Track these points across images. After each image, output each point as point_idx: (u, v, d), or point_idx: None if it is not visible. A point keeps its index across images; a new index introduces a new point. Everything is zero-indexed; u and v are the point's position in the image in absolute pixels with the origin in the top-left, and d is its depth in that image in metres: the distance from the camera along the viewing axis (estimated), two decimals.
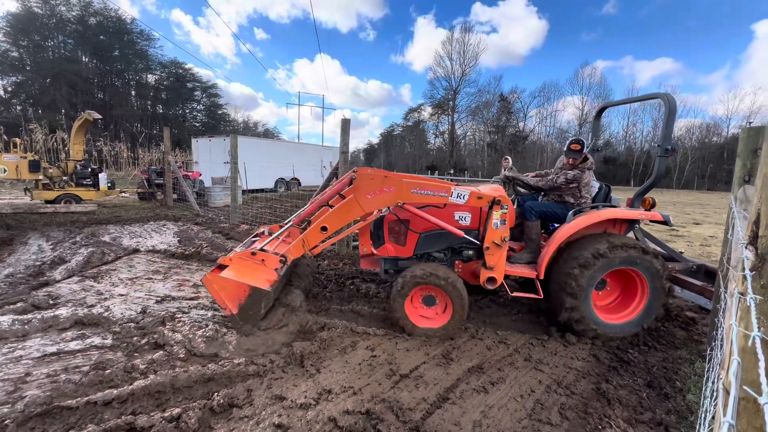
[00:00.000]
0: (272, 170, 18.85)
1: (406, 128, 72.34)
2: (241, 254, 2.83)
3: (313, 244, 2.93)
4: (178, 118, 49.67)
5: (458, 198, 3.03)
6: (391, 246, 3.38)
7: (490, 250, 3.09)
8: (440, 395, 2.29)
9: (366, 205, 2.90)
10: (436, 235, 3.32)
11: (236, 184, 7.73)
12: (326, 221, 2.90)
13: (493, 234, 3.05)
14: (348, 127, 5.20)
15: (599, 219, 3.22)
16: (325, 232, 2.90)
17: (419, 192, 2.97)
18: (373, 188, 2.89)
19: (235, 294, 2.61)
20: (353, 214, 2.92)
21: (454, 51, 57.89)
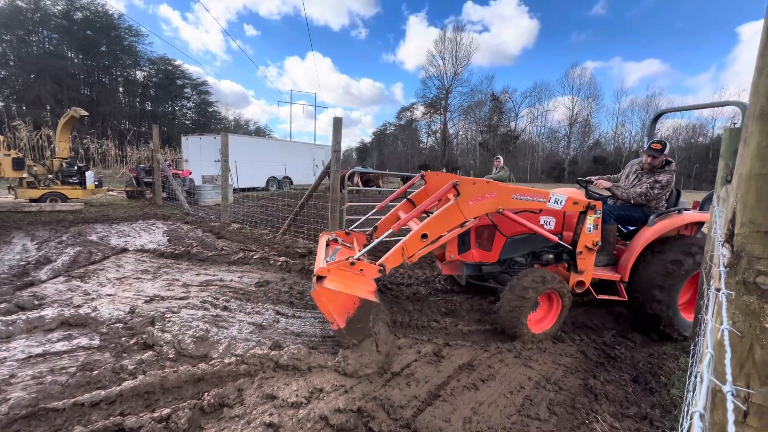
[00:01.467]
0: (264, 169, 18.73)
1: (398, 127, 72.36)
2: (339, 264, 2.66)
3: (412, 251, 2.80)
4: (167, 116, 48.94)
5: (556, 203, 3.06)
6: (477, 251, 3.38)
7: (582, 255, 3.16)
8: (431, 392, 2.31)
9: (467, 211, 2.83)
10: (523, 240, 3.34)
11: (227, 183, 7.66)
12: (426, 228, 2.77)
13: (586, 238, 3.12)
14: (340, 126, 5.19)
15: (684, 222, 3.32)
16: (426, 239, 2.79)
17: (519, 198, 2.97)
18: (475, 194, 2.85)
19: (344, 307, 2.46)
20: (453, 221, 2.84)
21: (447, 50, 58.07)
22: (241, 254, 4.99)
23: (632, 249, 3.31)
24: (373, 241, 3.04)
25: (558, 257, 3.41)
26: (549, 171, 56.80)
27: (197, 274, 4.33)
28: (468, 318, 3.53)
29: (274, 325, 3.12)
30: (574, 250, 3.19)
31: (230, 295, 3.68)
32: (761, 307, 0.67)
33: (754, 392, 0.68)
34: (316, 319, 3.29)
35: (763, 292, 0.66)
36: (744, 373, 0.69)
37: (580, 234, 3.14)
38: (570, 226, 3.40)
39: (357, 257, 2.72)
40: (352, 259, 2.68)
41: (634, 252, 3.28)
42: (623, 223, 3.57)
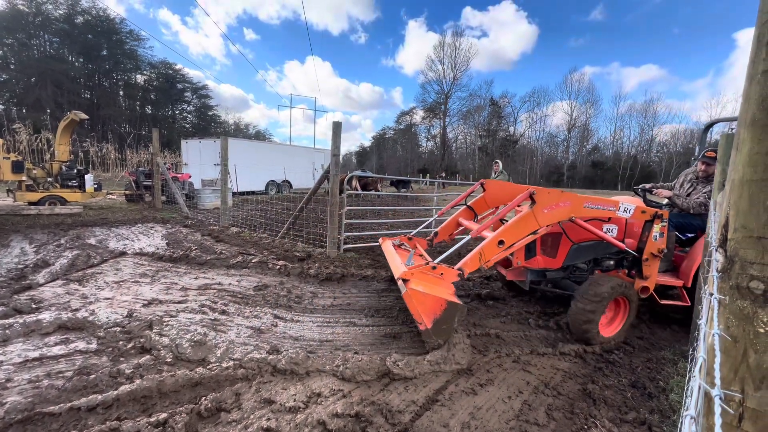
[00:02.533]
0: (263, 172, 18.75)
1: (398, 131, 72.67)
2: (422, 269, 2.76)
3: (489, 257, 2.88)
4: (167, 119, 49.09)
5: (625, 212, 3.19)
6: (542, 258, 3.44)
7: (648, 261, 3.29)
8: (429, 397, 2.31)
9: (542, 219, 2.94)
10: (587, 247, 3.44)
11: (226, 186, 7.67)
12: (503, 235, 2.87)
13: (653, 246, 3.24)
14: (339, 130, 5.21)
15: None
16: (502, 245, 2.88)
17: (590, 206, 3.09)
18: (550, 203, 2.95)
19: (431, 309, 2.56)
20: (528, 228, 2.94)
21: (446, 55, 58.47)
22: (239, 258, 4.99)
23: (694, 255, 3.43)
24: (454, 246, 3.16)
25: (618, 263, 3.54)
26: (548, 175, 56.94)
27: (196, 278, 4.32)
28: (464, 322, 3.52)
29: (273, 329, 3.11)
30: (640, 257, 3.29)
31: (228, 299, 3.68)
32: (755, 311, 0.67)
33: (742, 396, 0.68)
34: (314, 323, 3.29)
35: (756, 296, 0.67)
36: (738, 377, 0.70)
37: (646, 241, 3.26)
38: (631, 234, 3.49)
39: (438, 261, 2.84)
40: (433, 263, 2.80)
41: (697, 258, 3.37)
42: (681, 230, 3.68)
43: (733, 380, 0.70)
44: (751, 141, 0.67)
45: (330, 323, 3.30)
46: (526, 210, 2.95)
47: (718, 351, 0.65)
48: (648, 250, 3.25)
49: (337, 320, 3.37)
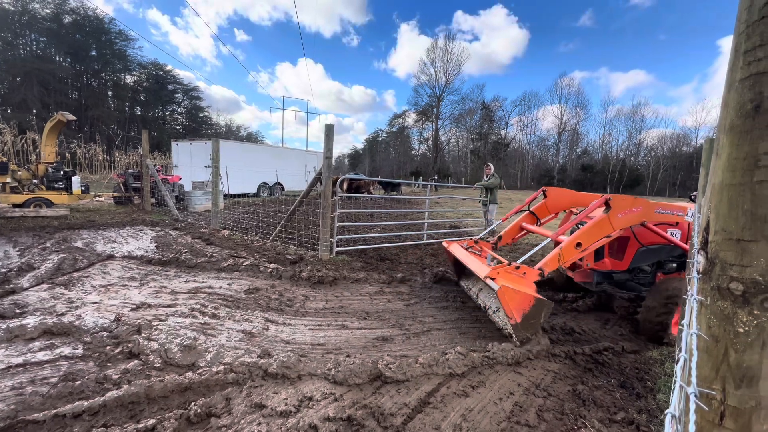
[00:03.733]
0: (255, 175, 18.62)
1: (390, 134, 72.88)
2: (507, 269, 2.99)
3: (567, 258, 3.10)
4: (157, 121, 48.50)
5: (691, 217, 3.41)
6: (609, 260, 3.63)
7: None
8: (422, 400, 2.31)
9: (616, 223, 3.15)
10: (653, 250, 3.58)
11: (217, 189, 7.60)
12: (580, 238, 3.10)
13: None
14: (332, 133, 5.21)
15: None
16: (579, 247, 3.11)
17: (661, 212, 3.34)
18: (624, 208, 3.18)
19: (521, 305, 2.79)
20: (603, 231, 3.15)
21: (438, 59, 58.91)
22: (230, 261, 4.94)
23: None
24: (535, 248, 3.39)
25: (680, 266, 3.69)
26: (539, 178, 57.57)
27: (186, 281, 4.27)
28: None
29: (264, 332, 3.08)
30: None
31: (219, 303, 3.64)
32: (734, 312, 0.69)
33: (723, 394, 0.70)
34: (306, 326, 3.27)
35: (735, 297, 0.69)
36: (720, 376, 0.71)
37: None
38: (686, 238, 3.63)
39: (521, 262, 3.09)
40: (516, 263, 3.05)
41: None
42: None
43: (714, 379, 0.72)
44: (730, 146, 0.69)
45: (322, 326, 3.29)
46: (600, 215, 3.15)
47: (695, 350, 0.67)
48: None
49: (329, 323, 3.36)
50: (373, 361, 2.58)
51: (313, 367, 2.50)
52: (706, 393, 0.73)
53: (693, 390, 0.57)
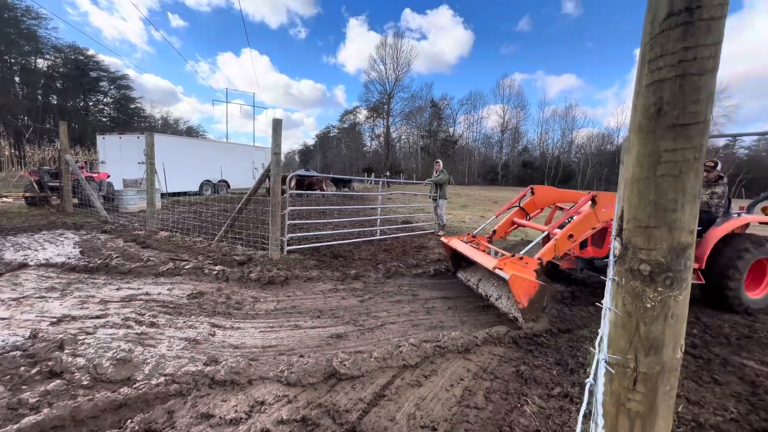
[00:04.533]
0: (197, 172, 17.42)
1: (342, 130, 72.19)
2: (512, 259, 3.42)
3: (562, 248, 3.54)
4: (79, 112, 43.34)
5: None
6: (592, 249, 4.08)
7: None
8: (377, 393, 2.34)
9: (601, 216, 3.61)
10: None
11: (153, 187, 6.99)
12: (572, 230, 3.55)
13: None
14: (280, 128, 5.03)
15: (743, 222, 4.26)
16: (572, 239, 3.54)
17: None
18: (607, 203, 3.62)
19: (527, 290, 3.19)
20: (590, 224, 3.61)
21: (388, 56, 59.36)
22: (170, 264, 4.59)
23: (707, 243, 4.13)
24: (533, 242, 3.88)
25: None
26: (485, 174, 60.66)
27: (118, 289, 3.89)
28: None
29: (210, 338, 2.91)
30: None
31: (158, 310, 3.37)
32: (643, 290, 0.79)
33: (635, 362, 0.80)
34: (256, 329, 3.14)
35: (644, 277, 0.79)
36: (632, 347, 0.81)
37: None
38: None
39: (523, 253, 3.50)
40: (519, 255, 3.46)
41: (708, 245, 4.09)
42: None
43: (628, 350, 0.82)
44: (638, 144, 0.79)
45: (273, 328, 3.19)
46: (588, 209, 3.62)
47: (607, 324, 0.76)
48: None
49: (281, 324, 3.26)
50: (327, 360, 2.56)
51: (265, 371, 2.42)
52: (622, 362, 0.83)
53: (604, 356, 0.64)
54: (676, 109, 0.73)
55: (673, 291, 0.77)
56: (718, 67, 0.72)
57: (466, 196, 25.16)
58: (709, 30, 0.70)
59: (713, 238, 4.14)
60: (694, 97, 0.71)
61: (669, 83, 0.73)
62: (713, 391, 2.61)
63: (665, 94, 0.74)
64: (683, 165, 0.73)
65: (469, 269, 4.57)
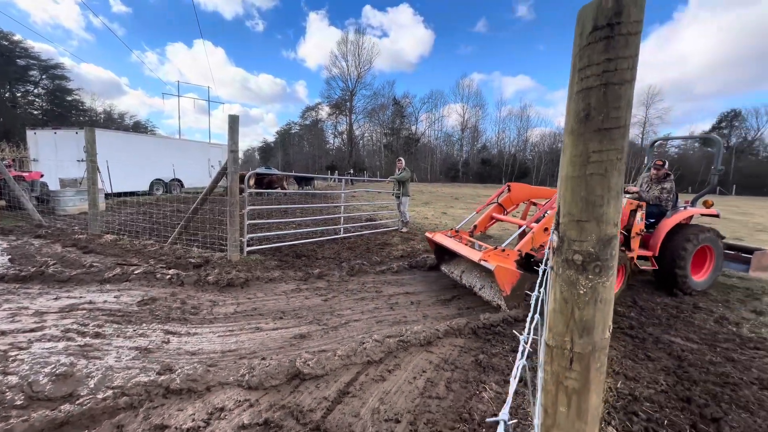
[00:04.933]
0: (146, 170, 16.31)
1: (304, 127, 70.73)
2: (495, 252, 3.66)
3: (538, 241, 3.81)
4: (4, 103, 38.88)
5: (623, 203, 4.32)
6: None
7: (634, 238, 4.50)
8: (341, 391, 2.35)
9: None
10: None
11: (95, 187, 6.46)
12: (547, 224, 3.87)
13: (636, 227, 4.48)
14: (237, 125, 4.85)
15: (690, 214, 4.89)
16: (547, 231, 3.85)
17: None
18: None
19: (510, 279, 3.49)
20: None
21: (349, 52, 58.96)
22: (117, 270, 4.28)
23: (659, 233, 4.69)
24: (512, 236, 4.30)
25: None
26: (446, 172, 62.21)
27: (56, 299, 3.57)
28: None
29: (164, 346, 2.77)
30: (628, 236, 4.48)
31: (104, 319, 3.14)
32: (577, 278, 0.87)
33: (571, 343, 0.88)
34: (215, 333, 3.03)
35: (577, 266, 0.87)
36: (569, 330, 0.89)
37: (632, 225, 4.47)
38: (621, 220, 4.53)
39: (504, 246, 3.83)
40: (501, 247, 3.78)
41: (660, 235, 4.66)
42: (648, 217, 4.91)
43: (565, 333, 0.90)
44: (571, 146, 0.86)
45: (233, 332, 3.09)
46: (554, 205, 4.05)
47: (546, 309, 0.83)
48: (634, 230, 4.48)
49: (241, 327, 3.17)
50: (290, 360, 2.54)
51: (224, 376, 2.35)
52: (560, 344, 0.91)
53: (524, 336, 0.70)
54: (601, 115, 0.81)
55: (601, 278, 0.85)
56: (635, 78, 0.81)
57: (429, 193, 25.69)
58: (627, 44, 0.78)
59: (665, 229, 4.72)
60: (616, 104, 0.80)
61: (595, 91, 0.81)
62: (647, 367, 2.90)
63: (592, 100, 0.82)
64: (608, 165, 0.82)
65: (452, 262, 4.83)
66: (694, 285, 4.74)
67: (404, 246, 6.83)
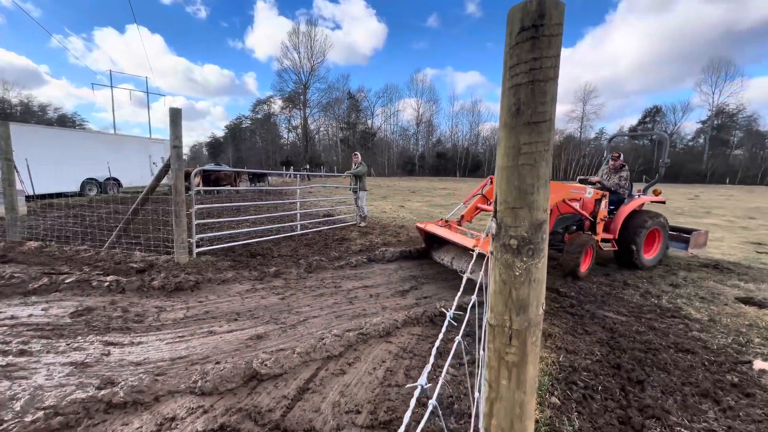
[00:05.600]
0: (77, 169, 14.77)
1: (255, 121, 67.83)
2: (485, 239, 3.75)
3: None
4: None
5: (588, 194, 5.07)
6: None
7: (599, 224, 5.26)
8: (301, 388, 2.33)
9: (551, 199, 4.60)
10: (565, 218, 5.10)
11: (13, 188, 5.73)
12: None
13: (601, 214, 5.24)
14: (179, 118, 4.54)
15: (643, 201, 5.64)
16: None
17: (573, 191, 4.88)
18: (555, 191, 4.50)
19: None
20: None
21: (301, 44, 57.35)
22: (45, 280, 3.86)
23: (618, 218, 5.47)
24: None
25: (579, 227, 5.41)
26: (403, 165, 63.02)
27: None
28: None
29: (104, 359, 2.56)
30: (594, 221, 5.24)
31: (30, 335, 2.83)
32: (513, 261, 0.94)
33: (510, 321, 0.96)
34: (162, 341, 2.86)
35: (513, 250, 0.94)
36: (507, 309, 0.97)
37: (597, 212, 5.24)
38: (587, 208, 5.28)
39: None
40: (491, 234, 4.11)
41: (619, 221, 5.44)
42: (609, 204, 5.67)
43: (504, 312, 0.97)
44: (505, 138, 0.93)
45: (183, 338, 2.93)
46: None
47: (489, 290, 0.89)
48: (599, 216, 5.25)
49: (192, 333, 3.01)
50: (246, 362, 2.47)
51: (175, 384, 2.23)
52: (501, 323, 0.98)
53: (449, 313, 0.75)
54: (529, 109, 0.87)
55: (534, 260, 0.93)
56: (558, 75, 0.89)
57: (386, 187, 25.91)
58: (550, 44, 0.85)
59: (623, 214, 5.45)
60: (542, 99, 0.87)
61: (524, 87, 0.87)
62: (584, 341, 3.19)
63: (522, 96, 0.88)
64: (537, 156, 0.89)
65: (441, 249, 5.21)
66: (646, 262, 5.52)
67: (363, 240, 6.86)
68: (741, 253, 7.16)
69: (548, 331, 3.28)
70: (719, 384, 2.58)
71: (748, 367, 2.84)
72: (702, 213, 14.44)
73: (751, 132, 57.56)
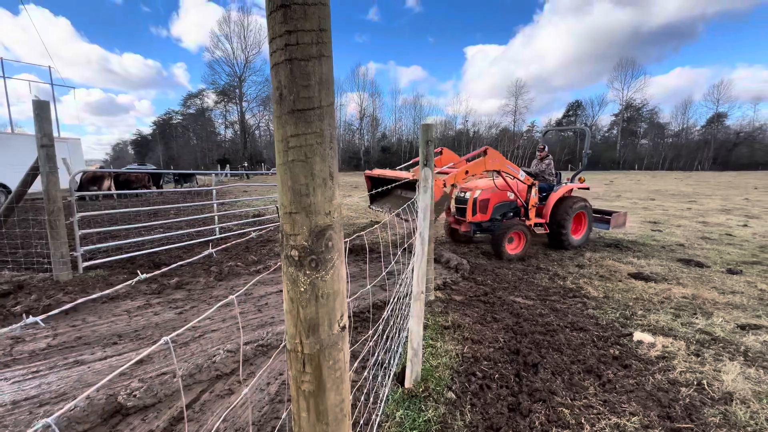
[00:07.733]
0: None
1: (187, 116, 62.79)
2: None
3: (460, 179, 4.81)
4: None
5: (521, 175, 5.67)
6: (480, 215, 5.65)
7: (531, 210, 5.96)
8: (174, 417, 2.06)
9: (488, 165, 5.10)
10: (502, 205, 5.82)
11: None
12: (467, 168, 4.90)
13: (533, 201, 5.94)
14: (47, 112, 3.87)
15: (570, 188, 6.28)
16: (467, 174, 4.89)
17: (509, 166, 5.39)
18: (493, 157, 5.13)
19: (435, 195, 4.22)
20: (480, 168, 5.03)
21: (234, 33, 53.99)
22: None
23: (549, 204, 6.08)
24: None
25: (515, 214, 6.05)
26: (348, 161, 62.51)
27: None
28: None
29: None
30: (526, 207, 5.94)
31: None
32: (297, 275, 0.80)
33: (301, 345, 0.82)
34: (9, 380, 2.38)
35: (296, 262, 0.79)
36: (298, 331, 0.83)
37: (530, 199, 5.92)
38: (521, 195, 5.93)
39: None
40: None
41: (550, 205, 6.06)
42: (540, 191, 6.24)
43: (296, 334, 0.83)
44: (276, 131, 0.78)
45: (39, 373, 2.47)
46: (480, 158, 5.03)
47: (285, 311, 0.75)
48: (531, 203, 5.92)
49: (53, 365, 2.56)
50: (109, 396, 2.12)
51: None
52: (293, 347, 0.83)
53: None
54: (292, 95, 0.73)
55: (319, 272, 0.79)
56: (326, 56, 0.75)
57: None
58: (305, 15, 0.71)
59: (552, 200, 6.04)
60: (305, 82, 0.72)
61: (282, 67, 0.72)
62: (492, 328, 3.26)
63: (282, 78, 0.73)
64: (308, 150, 0.75)
65: (382, 200, 5.45)
66: (574, 242, 6.21)
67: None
68: (640, 231, 8.02)
69: (458, 323, 3.31)
70: (603, 359, 2.76)
71: (629, 339, 3.10)
72: (614, 197, 16.09)
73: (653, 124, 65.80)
